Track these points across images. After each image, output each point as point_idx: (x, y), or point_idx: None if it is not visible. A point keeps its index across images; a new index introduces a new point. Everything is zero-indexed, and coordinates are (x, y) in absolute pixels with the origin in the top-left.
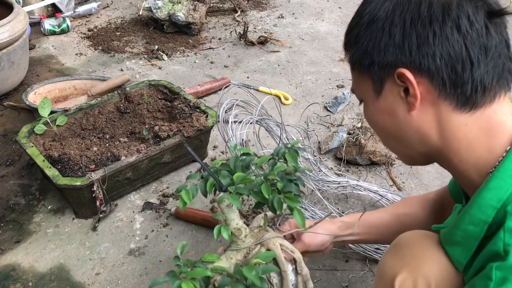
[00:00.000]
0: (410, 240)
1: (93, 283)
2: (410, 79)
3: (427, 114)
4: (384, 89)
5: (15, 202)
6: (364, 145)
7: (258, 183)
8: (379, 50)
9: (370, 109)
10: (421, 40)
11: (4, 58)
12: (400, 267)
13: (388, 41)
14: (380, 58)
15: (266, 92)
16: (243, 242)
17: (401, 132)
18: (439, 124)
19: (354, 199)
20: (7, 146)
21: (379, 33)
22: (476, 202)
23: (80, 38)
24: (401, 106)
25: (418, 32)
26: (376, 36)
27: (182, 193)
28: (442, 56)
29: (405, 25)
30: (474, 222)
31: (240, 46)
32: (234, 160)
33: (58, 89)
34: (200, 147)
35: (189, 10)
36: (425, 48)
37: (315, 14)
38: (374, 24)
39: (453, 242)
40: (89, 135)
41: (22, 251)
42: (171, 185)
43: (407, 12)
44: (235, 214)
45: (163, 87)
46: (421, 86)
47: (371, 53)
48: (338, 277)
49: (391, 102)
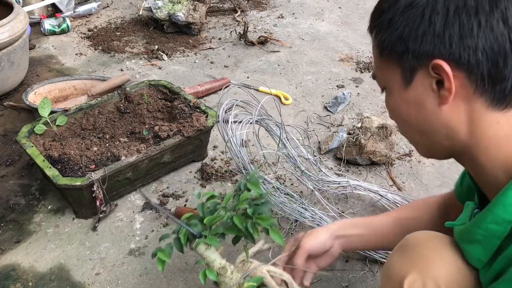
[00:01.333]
0: (418, 241)
1: (93, 283)
2: (448, 72)
3: (458, 109)
4: (415, 79)
5: (15, 202)
6: (364, 145)
7: (230, 217)
8: (416, 38)
9: (395, 99)
10: (464, 31)
11: (4, 58)
12: (408, 268)
13: (427, 29)
14: (416, 46)
15: (266, 92)
16: (231, 279)
17: (427, 125)
18: (470, 121)
19: (354, 199)
20: (7, 146)
21: (417, 19)
22: (501, 201)
23: (80, 38)
24: (431, 99)
25: (461, 22)
26: (414, 22)
27: (159, 254)
28: (484, 50)
29: (448, 13)
30: (498, 221)
31: (240, 46)
32: (201, 207)
33: (58, 89)
34: (200, 147)
35: (189, 10)
36: (467, 40)
37: (315, 14)
38: (413, 9)
39: (473, 240)
40: (89, 135)
41: (22, 251)
42: (171, 185)
43: (453, 0)
44: (215, 255)
45: (163, 87)
46: (457, 80)
47: (406, 40)
48: (338, 277)
49: (420, 94)
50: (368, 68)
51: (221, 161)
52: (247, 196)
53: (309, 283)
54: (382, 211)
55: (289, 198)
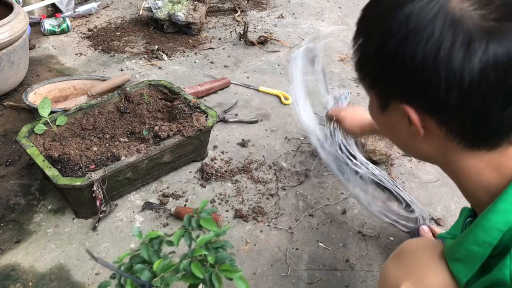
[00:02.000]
0: (414, 249)
1: (93, 283)
2: (414, 120)
3: (432, 144)
4: (389, 109)
5: (15, 202)
6: (364, 144)
7: (186, 265)
8: (388, 81)
9: (373, 114)
10: (430, 86)
11: (4, 58)
12: (403, 276)
13: (394, 77)
14: (388, 88)
15: (266, 92)
16: None
17: (406, 145)
18: (444, 155)
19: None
20: (7, 146)
21: (386, 66)
22: (482, 223)
23: (80, 38)
24: (404, 129)
25: (427, 77)
26: (385, 68)
27: None
28: (455, 105)
29: (414, 65)
30: (478, 243)
31: (240, 46)
32: (145, 248)
33: (58, 89)
34: (200, 147)
35: (189, 10)
36: (433, 95)
37: (315, 14)
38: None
39: (455, 258)
40: (89, 135)
41: (22, 251)
42: (171, 185)
43: (423, 51)
44: None
45: (163, 87)
46: (427, 123)
47: (378, 80)
48: (338, 277)
49: (395, 122)
50: None
51: (221, 161)
52: (205, 240)
53: None
54: None
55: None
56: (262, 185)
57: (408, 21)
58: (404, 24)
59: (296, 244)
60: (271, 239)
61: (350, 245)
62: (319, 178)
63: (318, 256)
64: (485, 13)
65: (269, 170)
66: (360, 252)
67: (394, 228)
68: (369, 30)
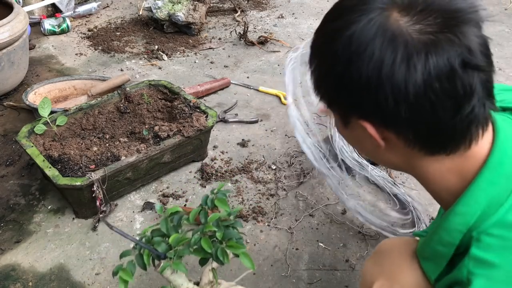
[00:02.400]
0: (390, 247)
1: (93, 283)
2: (373, 135)
3: (394, 153)
4: (351, 124)
5: (15, 202)
6: None
7: (197, 240)
8: (338, 100)
9: (339, 130)
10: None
11: (4, 58)
12: (378, 273)
13: (345, 97)
14: (343, 106)
15: (266, 92)
16: None
17: (373, 155)
18: (408, 162)
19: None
20: (7, 146)
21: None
22: (443, 225)
23: (80, 38)
24: (368, 141)
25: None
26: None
27: (120, 273)
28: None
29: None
30: (443, 243)
31: (240, 46)
32: (164, 222)
33: (58, 89)
34: (200, 147)
35: (189, 10)
36: (384, 110)
37: (315, 14)
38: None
39: (424, 257)
40: (89, 135)
41: (22, 251)
42: (171, 185)
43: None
44: (182, 278)
45: (163, 87)
46: (386, 135)
47: (333, 99)
48: (338, 277)
49: (358, 135)
50: None
51: (221, 161)
52: (215, 218)
53: None
54: None
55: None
56: (262, 185)
57: (351, 42)
58: (347, 46)
59: (296, 244)
60: (271, 239)
61: (350, 245)
62: (319, 178)
63: (318, 256)
64: (422, 27)
65: (269, 170)
66: (360, 252)
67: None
68: (320, 53)
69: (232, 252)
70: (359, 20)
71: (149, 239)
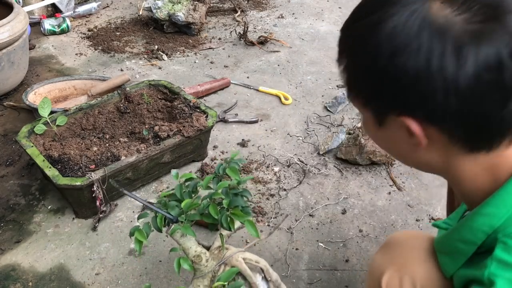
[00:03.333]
0: (401, 240)
1: (93, 283)
2: (415, 131)
3: (433, 153)
4: (386, 123)
5: (15, 202)
6: (364, 145)
7: (205, 206)
8: (385, 95)
9: (370, 131)
10: (431, 93)
11: (4, 58)
12: (387, 265)
13: (390, 91)
14: (385, 102)
15: (266, 92)
16: (206, 267)
17: (406, 157)
18: (446, 162)
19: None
20: (7, 146)
21: (382, 81)
22: (468, 224)
23: (80, 38)
24: (405, 142)
25: (423, 87)
26: (378, 84)
27: (136, 234)
28: (453, 111)
29: (408, 77)
30: (464, 241)
31: (240, 46)
32: (179, 188)
33: (58, 89)
34: (200, 147)
35: (189, 10)
36: (435, 102)
37: (315, 14)
38: (375, 71)
39: (443, 251)
40: (89, 135)
41: (22, 251)
42: (171, 185)
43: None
44: (191, 242)
45: (163, 87)
46: (428, 132)
47: (375, 95)
48: (338, 277)
49: (394, 135)
50: None
51: (221, 161)
52: (224, 185)
53: None
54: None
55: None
56: (262, 185)
57: (394, 36)
58: (390, 39)
59: (296, 244)
60: (271, 239)
61: (350, 245)
62: (319, 178)
63: (318, 256)
64: (468, 17)
65: (269, 170)
66: (360, 252)
67: None
68: (354, 50)
69: (237, 219)
70: (400, 12)
71: (165, 203)
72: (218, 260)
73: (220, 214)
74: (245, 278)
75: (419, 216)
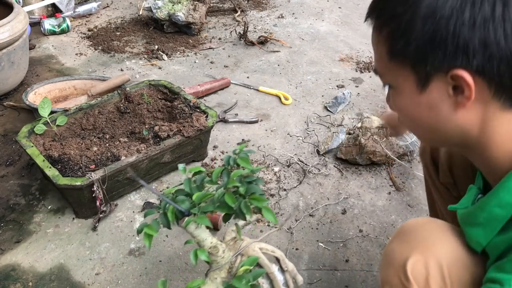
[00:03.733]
0: (414, 226)
1: (93, 283)
2: (469, 82)
3: (473, 112)
4: (430, 85)
5: (15, 202)
6: (364, 145)
7: (220, 195)
8: (438, 49)
9: (404, 100)
10: (489, 42)
11: (4, 58)
12: (409, 251)
13: (451, 41)
14: (437, 57)
15: (266, 92)
16: (222, 258)
17: (438, 125)
18: (483, 121)
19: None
20: (7, 146)
21: (441, 31)
22: (506, 185)
23: (80, 38)
24: (446, 103)
25: (487, 33)
26: (437, 34)
27: (146, 228)
28: (508, 60)
29: (475, 24)
30: (502, 205)
31: (240, 46)
32: (187, 182)
33: (58, 89)
34: (200, 147)
35: (189, 10)
36: (492, 51)
37: (315, 14)
38: (434, 19)
39: (475, 223)
40: (89, 135)
41: (22, 251)
42: (171, 185)
43: (479, 11)
44: (206, 233)
45: (163, 87)
46: (476, 87)
47: (426, 51)
48: (338, 277)
49: (435, 98)
50: (368, 68)
51: (221, 161)
52: (238, 174)
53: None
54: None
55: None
56: (262, 185)
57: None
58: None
59: (296, 244)
60: (271, 239)
61: (350, 245)
62: (319, 178)
63: (318, 256)
64: None
65: (269, 170)
66: (360, 252)
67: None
68: (407, 8)
69: (256, 205)
70: None
71: (173, 199)
72: (234, 251)
73: (237, 202)
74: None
75: (419, 216)
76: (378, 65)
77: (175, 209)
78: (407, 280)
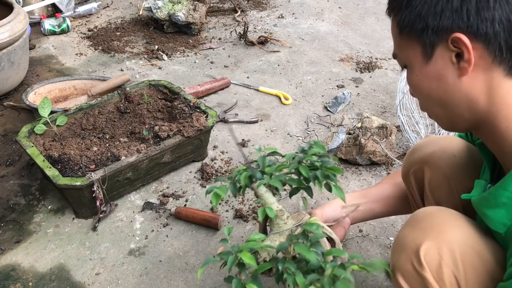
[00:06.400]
0: (427, 213)
1: (93, 283)
2: (467, 44)
3: (478, 79)
4: (435, 54)
5: (15, 202)
6: (364, 145)
7: (294, 167)
8: (435, 14)
9: (416, 74)
10: (480, 4)
11: (4, 58)
12: (422, 237)
13: (445, 5)
14: (435, 22)
15: (266, 92)
16: (285, 224)
17: (447, 97)
18: (489, 90)
19: None
20: (7, 146)
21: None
22: None
23: (80, 38)
24: (451, 71)
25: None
26: (432, 0)
27: (216, 190)
28: (501, 21)
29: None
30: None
31: (240, 46)
32: (262, 159)
33: (58, 89)
34: (200, 147)
35: (189, 10)
36: (484, 12)
37: (315, 14)
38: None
39: (497, 204)
40: (89, 135)
41: (22, 251)
42: (171, 185)
43: None
44: (274, 199)
45: (163, 87)
46: (475, 51)
47: (426, 17)
48: None
49: (440, 67)
50: (368, 68)
51: (221, 161)
52: (315, 151)
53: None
54: None
55: None
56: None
57: None
58: None
59: None
60: None
61: (350, 245)
62: None
63: None
64: None
65: None
66: (360, 252)
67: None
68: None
69: (332, 173)
70: None
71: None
72: (296, 221)
73: (311, 173)
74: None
75: None
76: (395, 48)
77: (248, 175)
78: (421, 265)
